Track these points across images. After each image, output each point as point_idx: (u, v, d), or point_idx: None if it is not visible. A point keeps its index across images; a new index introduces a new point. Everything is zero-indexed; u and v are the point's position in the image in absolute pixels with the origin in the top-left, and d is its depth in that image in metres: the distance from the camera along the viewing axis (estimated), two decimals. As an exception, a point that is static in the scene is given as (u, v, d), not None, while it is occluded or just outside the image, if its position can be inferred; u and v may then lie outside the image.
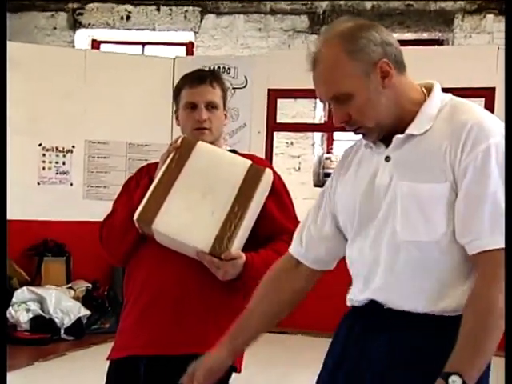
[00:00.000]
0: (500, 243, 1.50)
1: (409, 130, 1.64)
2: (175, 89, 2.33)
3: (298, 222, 2.04)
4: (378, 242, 1.65)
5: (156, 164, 2.31)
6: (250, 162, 2.16)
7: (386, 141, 1.68)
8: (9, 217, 2.44)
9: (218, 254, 2.03)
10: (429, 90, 1.70)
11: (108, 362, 2.31)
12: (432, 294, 1.60)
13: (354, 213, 1.71)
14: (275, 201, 2.24)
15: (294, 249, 1.88)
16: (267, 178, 2.16)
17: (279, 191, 2.26)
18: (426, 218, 1.57)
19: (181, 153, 2.15)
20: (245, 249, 2.12)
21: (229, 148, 2.38)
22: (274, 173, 2.26)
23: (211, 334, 2.14)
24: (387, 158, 1.66)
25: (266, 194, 2.18)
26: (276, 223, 2.22)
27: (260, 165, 2.20)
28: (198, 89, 2.24)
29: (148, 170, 2.36)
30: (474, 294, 1.53)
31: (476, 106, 1.67)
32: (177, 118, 2.34)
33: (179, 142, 2.18)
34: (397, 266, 1.62)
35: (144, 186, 2.21)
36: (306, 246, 1.85)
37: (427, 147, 1.61)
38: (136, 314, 2.21)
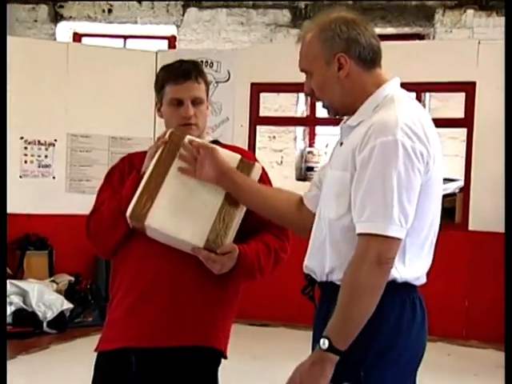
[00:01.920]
0: (366, 228, 1.70)
1: (348, 121, 1.88)
2: (157, 82, 2.30)
3: None
4: (318, 217, 1.93)
5: (139, 155, 2.31)
6: (239, 157, 2.16)
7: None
8: (-9, 210, 2.43)
9: (213, 249, 2.05)
10: None
11: (94, 355, 2.30)
12: (339, 266, 1.81)
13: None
14: None
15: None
16: (257, 171, 2.18)
17: (264, 180, 2.28)
18: (335, 200, 1.82)
19: (170, 147, 2.14)
20: (233, 241, 2.13)
21: (212, 139, 2.38)
22: (258, 163, 2.27)
23: (205, 326, 2.18)
24: (341, 144, 1.91)
25: None
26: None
27: (244, 156, 2.21)
28: (184, 85, 2.22)
29: (131, 161, 2.35)
30: (344, 271, 1.75)
31: (404, 103, 1.82)
32: (159, 110, 2.32)
33: (167, 136, 2.17)
34: (317, 240, 1.89)
35: (133, 179, 2.19)
36: (306, 194, 2.10)
37: (351, 139, 1.82)
38: (127, 305, 2.20)
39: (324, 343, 1.71)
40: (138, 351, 2.17)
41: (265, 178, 2.28)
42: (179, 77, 2.23)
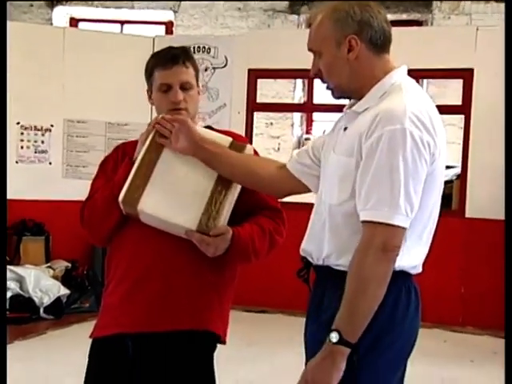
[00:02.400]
0: (370, 216, 1.70)
1: (354, 107, 1.86)
2: (147, 69, 2.30)
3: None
4: (317, 203, 1.93)
5: (132, 143, 2.32)
6: (230, 139, 2.17)
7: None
8: (-12, 196, 2.43)
9: (206, 231, 2.05)
10: None
11: (89, 341, 2.30)
12: (339, 251, 1.82)
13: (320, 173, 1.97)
14: None
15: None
16: (249, 153, 2.19)
17: None
18: (338, 186, 1.81)
19: (160, 133, 2.15)
20: (227, 223, 2.14)
21: (204, 125, 2.37)
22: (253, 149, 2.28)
23: (200, 309, 2.19)
24: (345, 129, 1.88)
25: None
26: (257, 198, 2.24)
27: (238, 141, 2.21)
28: (172, 70, 2.22)
29: (124, 149, 2.35)
30: (350, 260, 1.74)
31: (412, 92, 1.81)
32: (150, 98, 2.33)
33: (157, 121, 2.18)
34: (316, 224, 1.90)
35: (125, 166, 2.20)
36: (294, 159, 2.09)
37: (357, 125, 1.81)
38: (122, 292, 2.20)
39: (335, 337, 1.69)
40: (133, 336, 2.18)
41: None
42: (167, 62, 2.23)
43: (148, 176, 2.10)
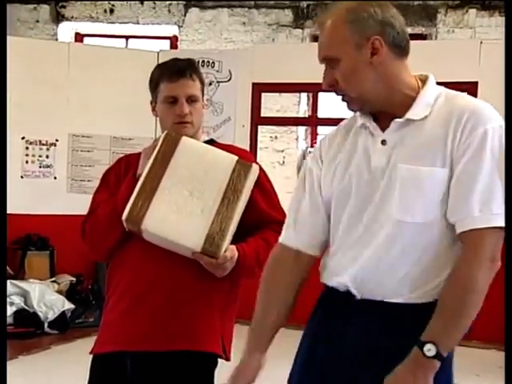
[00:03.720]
0: (486, 222, 1.55)
1: (408, 115, 1.66)
2: (152, 81, 2.28)
3: (284, 212, 2.07)
4: (373, 223, 1.67)
5: (136, 155, 2.29)
6: (236, 158, 2.13)
7: (380, 123, 1.72)
8: (-8, 210, 2.42)
9: (210, 253, 2.03)
10: (423, 80, 1.74)
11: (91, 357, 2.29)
12: (413, 281, 1.63)
13: (350, 195, 1.72)
14: (260, 192, 2.24)
15: (287, 238, 1.86)
16: (254, 173, 2.15)
17: (263, 182, 2.26)
18: (423, 200, 1.60)
19: (165, 149, 2.11)
20: (232, 238, 2.13)
21: (207, 138, 2.34)
22: (256, 162, 2.26)
23: (201, 329, 2.16)
24: (383, 142, 1.69)
25: (252, 187, 2.17)
26: (262, 213, 2.22)
27: (241, 157, 2.18)
28: (178, 83, 2.20)
29: (127, 161, 2.32)
30: (455, 269, 1.58)
31: (469, 96, 1.74)
32: (153, 110, 2.31)
33: (162, 138, 2.14)
34: (387, 249, 1.64)
35: (128, 181, 2.18)
36: (298, 231, 1.84)
37: (428, 132, 1.63)
38: (123, 307, 2.18)
39: (431, 350, 1.53)
40: (133, 354, 2.15)
41: (263, 179, 2.26)
42: (173, 74, 2.20)
43: (152, 194, 2.05)
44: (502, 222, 1.56)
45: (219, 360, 2.25)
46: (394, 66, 1.67)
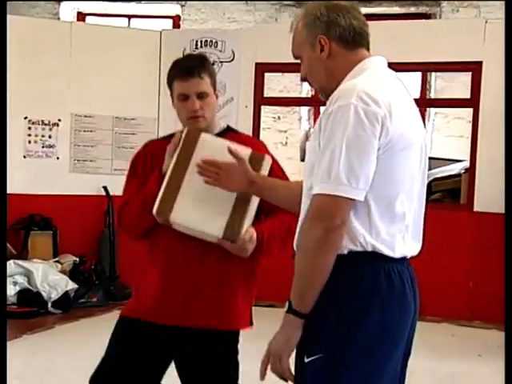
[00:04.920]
0: (320, 190, 1.71)
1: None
2: (168, 78, 2.48)
3: None
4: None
5: (160, 144, 2.51)
6: (250, 151, 2.33)
7: None
8: (-5, 190, 2.44)
9: (231, 239, 2.30)
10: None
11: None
12: None
13: None
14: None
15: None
16: (267, 163, 2.36)
17: (275, 171, 2.45)
18: (309, 170, 1.83)
19: (187, 146, 2.34)
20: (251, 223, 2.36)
21: (224, 126, 2.54)
22: (268, 152, 2.47)
23: (232, 308, 2.41)
24: None
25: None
26: None
27: (255, 148, 2.38)
28: (188, 82, 2.39)
29: (152, 150, 2.54)
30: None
31: (374, 75, 1.83)
32: (173, 102, 2.50)
33: (184, 134, 2.36)
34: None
35: (155, 178, 2.41)
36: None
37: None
38: (157, 285, 2.41)
39: (286, 306, 1.77)
40: (166, 328, 2.38)
41: (275, 168, 2.46)
42: (183, 74, 2.41)
43: (177, 189, 2.32)
44: (330, 191, 1.69)
45: None
46: (344, 58, 1.89)
